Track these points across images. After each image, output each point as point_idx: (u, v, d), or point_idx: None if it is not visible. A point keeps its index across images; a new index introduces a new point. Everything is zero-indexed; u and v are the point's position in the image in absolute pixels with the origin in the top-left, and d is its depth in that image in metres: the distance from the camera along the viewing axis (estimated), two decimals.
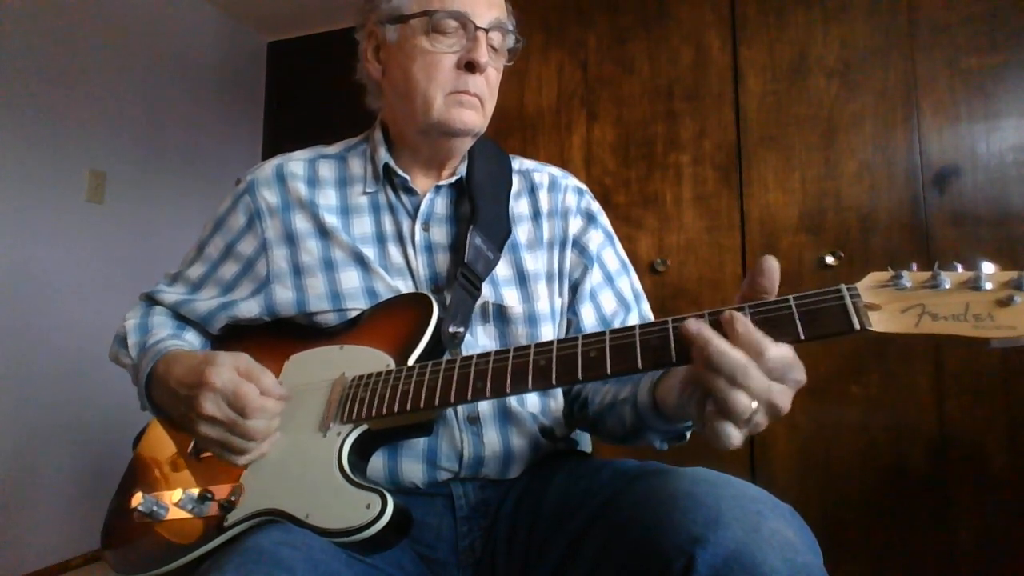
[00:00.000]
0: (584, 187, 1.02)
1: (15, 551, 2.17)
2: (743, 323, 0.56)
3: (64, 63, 2.38)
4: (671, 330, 0.60)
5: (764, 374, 0.55)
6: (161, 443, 0.89)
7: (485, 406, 0.84)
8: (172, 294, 0.96)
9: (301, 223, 0.90)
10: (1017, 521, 1.55)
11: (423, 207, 0.91)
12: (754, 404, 0.55)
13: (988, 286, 0.51)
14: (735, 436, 0.56)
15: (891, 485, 1.65)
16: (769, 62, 1.85)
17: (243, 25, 3.30)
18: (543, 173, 1.00)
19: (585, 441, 0.98)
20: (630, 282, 0.98)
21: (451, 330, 0.81)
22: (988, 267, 0.52)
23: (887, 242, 1.70)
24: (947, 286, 0.53)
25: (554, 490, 0.79)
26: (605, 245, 0.98)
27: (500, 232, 0.90)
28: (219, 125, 3.13)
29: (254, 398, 0.72)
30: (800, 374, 0.57)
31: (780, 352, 0.55)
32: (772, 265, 0.58)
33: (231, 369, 0.74)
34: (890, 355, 1.66)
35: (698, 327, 0.57)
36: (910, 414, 1.65)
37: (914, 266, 0.56)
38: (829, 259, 1.73)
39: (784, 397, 0.56)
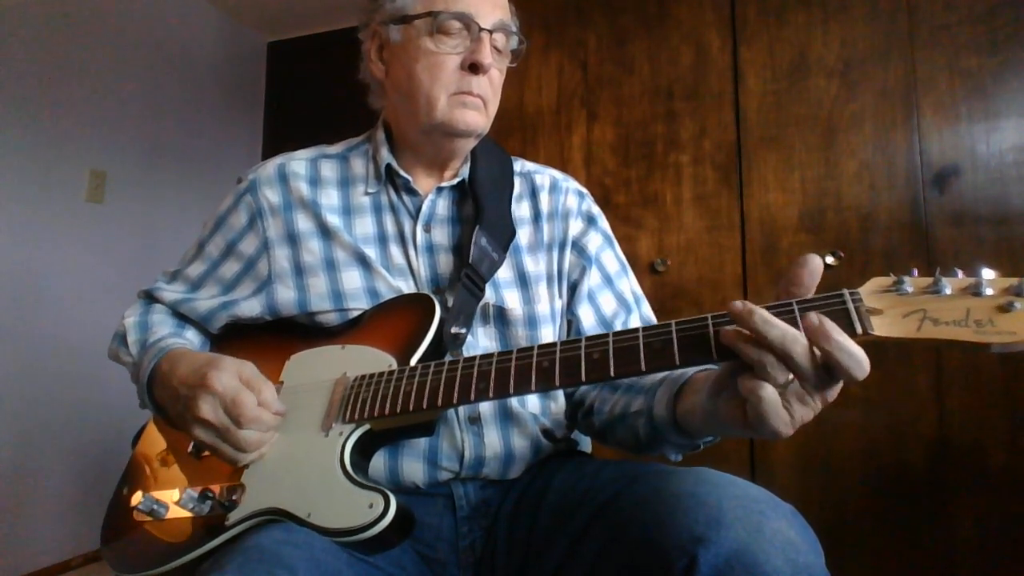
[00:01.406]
0: (585, 191, 1.02)
1: (15, 551, 2.17)
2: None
3: (64, 63, 2.38)
4: (674, 332, 0.60)
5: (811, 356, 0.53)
6: (161, 441, 0.89)
7: (486, 406, 0.84)
8: (171, 292, 0.95)
9: (303, 223, 0.90)
10: (1017, 521, 1.55)
11: (424, 208, 0.91)
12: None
13: (989, 292, 0.52)
14: (774, 402, 0.54)
15: (891, 485, 1.65)
16: (769, 62, 1.85)
17: (243, 25, 3.30)
18: (544, 175, 1.00)
19: (585, 441, 0.98)
20: (630, 284, 0.98)
21: (453, 331, 0.81)
22: (988, 273, 0.53)
23: (887, 242, 1.71)
24: (948, 292, 0.53)
25: (554, 490, 0.79)
26: (604, 247, 0.98)
27: (504, 233, 0.90)
28: (219, 125, 3.13)
29: (251, 408, 0.72)
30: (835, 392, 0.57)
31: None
32: (817, 265, 0.57)
33: (233, 375, 0.74)
34: (890, 355, 1.66)
35: (743, 304, 0.55)
36: (910, 414, 1.65)
37: (915, 271, 0.56)
38: (829, 259, 1.73)
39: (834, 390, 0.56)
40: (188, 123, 2.94)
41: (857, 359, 0.52)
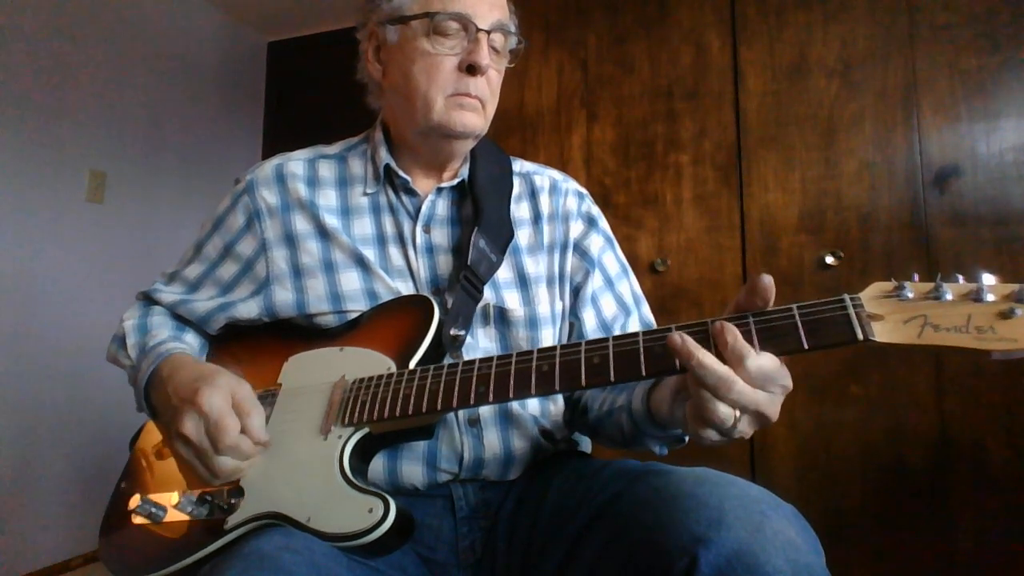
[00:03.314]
0: (585, 191, 1.02)
1: (15, 551, 2.17)
2: (732, 333, 0.57)
3: (64, 63, 2.38)
4: None
5: (747, 384, 0.56)
6: (160, 443, 0.89)
7: (486, 408, 0.84)
8: (170, 294, 0.95)
9: (301, 224, 0.89)
10: (1017, 521, 1.55)
11: (424, 209, 0.90)
12: (736, 413, 0.57)
13: (990, 298, 0.52)
14: (717, 441, 0.60)
15: (891, 485, 1.65)
16: (769, 62, 1.84)
17: (243, 25, 3.30)
18: (544, 176, 1.00)
19: (585, 442, 0.98)
20: (630, 286, 0.98)
21: (452, 332, 0.81)
22: (989, 279, 0.53)
23: (887, 242, 1.70)
24: (949, 297, 0.53)
25: (555, 490, 0.79)
26: (606, 249, 0.98)
27: (503, 235, 0.90)
28: (219, 125, 3.13)
29: (231, 435, 0.71)
30: (785, 380, 0.58)
31: (760, 363, 0.56)
32: (767, 284, 0.59)
33: (225, 396, 0.73)
34: (890, 355, 1.66)
35: (682, 339, 0.58)
36: (910, 414, 1.65)
37: (916, 276, 0.56)
38: (829, 259, 1.72)
39: (771, 406, 0.58)
40: (188, 123, 2.94)
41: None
